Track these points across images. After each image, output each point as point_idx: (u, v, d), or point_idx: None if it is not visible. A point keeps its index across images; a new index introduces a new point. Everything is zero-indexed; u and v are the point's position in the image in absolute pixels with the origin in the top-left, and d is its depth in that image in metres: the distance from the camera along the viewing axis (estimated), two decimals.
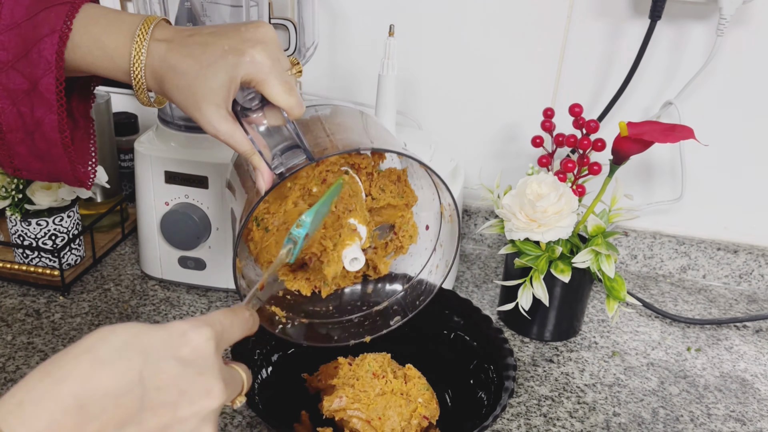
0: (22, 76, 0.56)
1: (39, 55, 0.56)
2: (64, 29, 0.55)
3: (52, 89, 0.56)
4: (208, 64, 0.54)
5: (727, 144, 0.95)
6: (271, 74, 0.54)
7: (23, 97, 0.57)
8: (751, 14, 0.87)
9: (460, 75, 0.99)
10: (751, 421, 0.74)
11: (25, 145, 0.59)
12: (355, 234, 0.61)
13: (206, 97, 0.54)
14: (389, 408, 0.64)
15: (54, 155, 0.60)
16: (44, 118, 0.57)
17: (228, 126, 0.55)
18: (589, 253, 0.77)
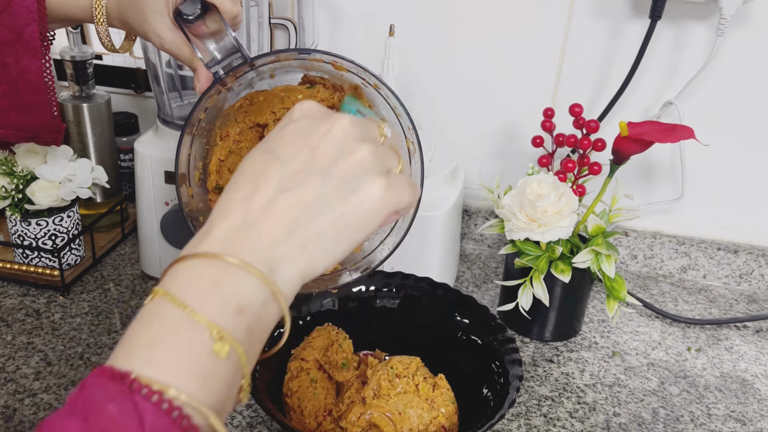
0: (5, 28, 0.60)
1: (21, 5, 0.60)
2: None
3: (36, 36, 0.60)
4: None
5: (727, 144, 0.95)
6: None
7: (7, 48, 0.60)
8: (751, 14, 0.87)
9: (460, 75, 0.99)
10: (751, 421, 0.74)
11: (7, 98, 0.62)
12: None
13: (149, 8, 0.59)
14: (409, 407, 0.65)
15: (37, 104, 0.63)
16: (30, 66, 0.61)
17: (172, 35, 0.59)
18: (590, 253, 0.77)
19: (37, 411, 0.70)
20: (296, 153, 0.39)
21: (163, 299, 0.34)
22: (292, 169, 0.39)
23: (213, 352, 0.33)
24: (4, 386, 0.73)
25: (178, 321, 0.34)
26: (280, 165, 0.39)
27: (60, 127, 0.66)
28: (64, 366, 0.76)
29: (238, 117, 0.63)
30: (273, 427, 0.69)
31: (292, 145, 0.40)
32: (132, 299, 0.89)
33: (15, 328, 0.82)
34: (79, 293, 0.89)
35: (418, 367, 0.69)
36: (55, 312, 0.85)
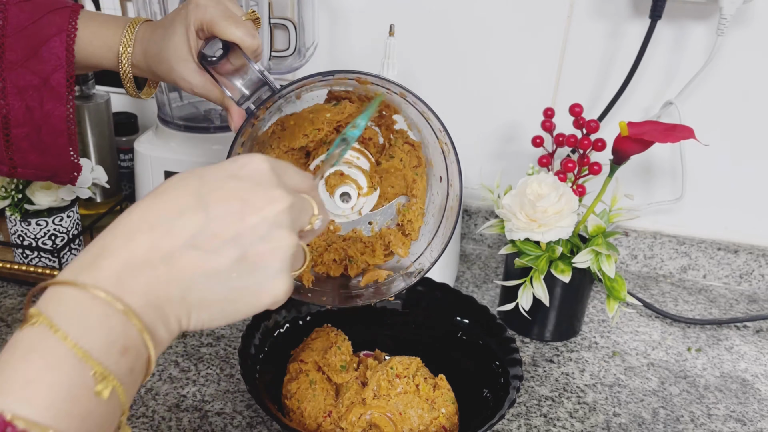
0: (32, 73, 0.62)
1: (49, 52, 0.62)
2: (71, 29, 0.62)
3: (63, 83, 0.62)
4: (168, 24, 0.60)
5: (727, 144, 0.95)
6: (215, 14, 0.58)
7: (33, 92, 0.62)
8: (751, 14, 0.87)
9: (460, 75, 0.99)
10: (751, 421, 0.74)
11: (28, 140, 0.64)
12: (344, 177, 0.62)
13: (174, 55, 0.60)
14: (410, 407, 0.65)
15: (58, 146, 0.65)
16: (54, 111, 0.63)
17: (199, 78, 0.61)
18: (590, 253, 0.77)
19: None
20: (224, 215, 0.37)
21: (45, 329, 0.33)
22: (213, 230, 0.37)
23: (95, 392, 0.32)
24: None
25: (61, 358, 0.32)
26: (203, 218, 0.37)
27: (77, 168, 0.68)
28: None
29: (273, 143, 0.64)
30: (273, 427, 0.69)
31: (224, 205, 0.38)
32: None
33: (15, 328, 0.82)
34: None
35: (419, 367, 0.69)
36: None
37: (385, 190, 0.68)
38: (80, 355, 0.32)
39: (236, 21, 0.58)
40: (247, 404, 0.72)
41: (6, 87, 0.61)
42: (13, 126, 0.62)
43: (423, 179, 0.69)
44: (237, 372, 0.76)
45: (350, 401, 0.66)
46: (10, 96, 0.61)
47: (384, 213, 0.70)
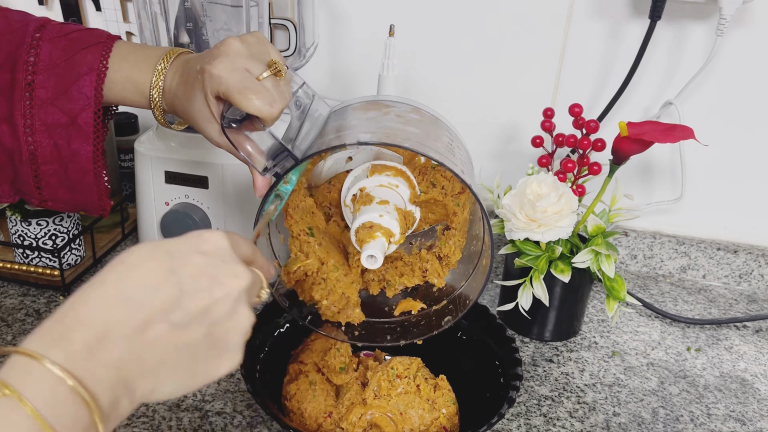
0: (60, 111, 0.62)
1: (79, 91, 0.61)
2: (101, 68, 0.62)
3: (90, 122, 0.62)
4: (190, 87, 0.59)
5: (727, 144, 0.95)
6: (230, 85, 0.55)
7: (61, 130, 0.62)
8: (751, 14, 0.87)
9: (460, 75, 0.99)
10: (751, 421, 0.74)
11: (57, 177, 0.64)
12: (373, 230, 0.61)
13: (197, 117, 0.59)
14: (410, 408, 0.65)
15: (85, 184, 0.65)
16: (80, 150, 0.63)
17: (223, 139, 0.59)
18: (589, 253, 0.77)
19: None
20: (196, 291, 0.39)
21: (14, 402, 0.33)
22: (185, 306, 0.39)
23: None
24: None
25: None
26: (177, 293, 0.38)
27: (106, 206, 0.68)
28: None
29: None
30: (273, 427, 0.69)
31: (196, 282, 0.39)
32: None
33: (15, 328, 0.82)
34: None
35: (419, 367, 0.69)
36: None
37: (426, 215, 0.69)
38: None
39: (253, 91, 0.55)
40: (248, 404, 0.72)
41: (35, 124, 0.61)
42: (41, 163, 0.63)
43: (465, 210, 0.68)
44: (237, 372, 0.76)
45: (350, 402, 0.66)
46: (38, 133, 0.61)
47: (426, 235, 0.70)
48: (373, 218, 0.61)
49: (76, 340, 0.35)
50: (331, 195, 0.68)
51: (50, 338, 0.36)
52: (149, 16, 0.83)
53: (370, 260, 0.60)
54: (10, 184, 0.65)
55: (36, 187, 0.64)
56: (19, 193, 0.66)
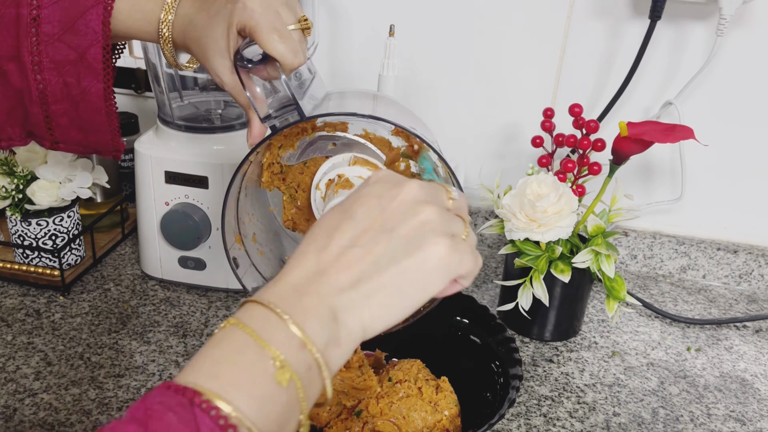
0: (68, 47, 0.59)
1: (86, 26, 0.58)
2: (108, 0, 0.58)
3: (99, 58, 0.59)
4: (214, 14, 0.57)
5: (727, 144, 0.95)
6: (261, 21, 0.54)
7: (70, 67, 0.59)
8: (751, 14, 0.87)
9: (460, 75, 0.99)
10: (751, 421, 0.74)
11: (68, 116, 0.61)
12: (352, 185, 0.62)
13: (211, 47, 0.57)
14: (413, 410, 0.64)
15: (97, 124, 0.62)
16: (90, 87, 0.60)
17: (231, 77, 0.58)
18: (589, 253, 0.77)
19: (37, 411, 0.70)
20: (368, 213, 0.42)
21: (234, 327, 0.37)
22: (363, 227, 0.42)
23: (274, 378, 0.36)
24: (4, 386, 0.73)
25: (245, 344, 0.36)
26: (353, 223, 0.42)
27: (119, 146, 0.66)
28: (64, 366, 0.76)
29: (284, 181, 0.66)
30: None
31: (365, 206, 0.43)
32: (132, 299, 0.89)
33: (15, 328, 0.82)
34: (79, 293, 0.89)
35: (420, 369, 0.68)
36: (56, 312, 0.85)
37: None
38: (261, 345, 0.36)
39: (281, 35, 0.55)
40: None
41: (42, 61, 0.58)
42: (51, 102, 0.60)
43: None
44: None
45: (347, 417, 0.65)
46: (47, 71, 0.59)
47: None
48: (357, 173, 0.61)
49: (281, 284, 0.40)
50: (302, 177, 0.67)
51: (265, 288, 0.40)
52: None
53: None
54: (21, 126, 0.63)
55: (47, 128, 0.62)
56: (31, 136, 0.64)
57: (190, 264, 0.89)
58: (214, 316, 0.86)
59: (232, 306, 0.88)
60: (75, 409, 0.70)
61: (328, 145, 0.67)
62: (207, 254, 0.88)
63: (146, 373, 0.75)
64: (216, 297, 0.90)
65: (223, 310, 0.87)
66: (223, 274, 0.89)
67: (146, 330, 0.83)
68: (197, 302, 0.89)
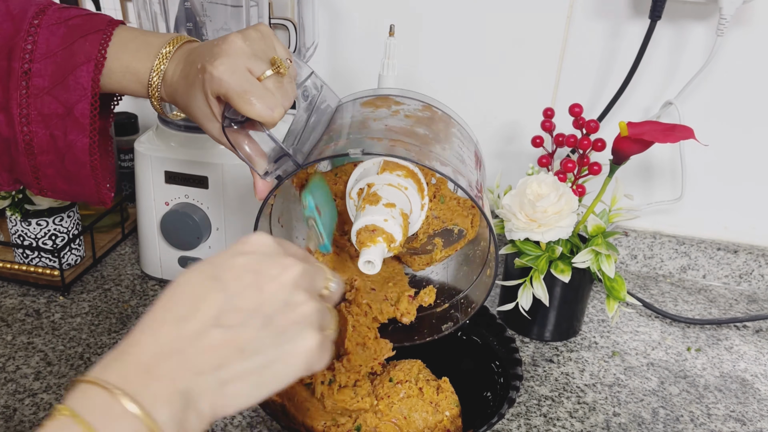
0: (57, 101, 0.59)
1: (76, 82, 0.59)
2: (99, 58, 0.59)
3: (87, 114, 0.60)
4: (190, 83, 0.57)
5: (727, 144, 0.95)
6: (230, 88, 0.53)
7: (57, 121, 0.60)
8: (751, 14, 0.87)
9: (460, 75, 0.99)
10: (751, 421, 0.74)
11: (53, 168, 0.62)
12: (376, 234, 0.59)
13: (198, 114, 0.58)
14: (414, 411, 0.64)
15: (81, 177, 0.63)
16: (76, 142, 0.61)
17: (225, 139, 0.58)
18: (589, 253, 0.77)
19: (37, 411, 0.70)
20: (242, 290, 0.39)
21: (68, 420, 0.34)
22: (234, 305, 0.38)
23: None
24: (4, 386, 0.73)
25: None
26: (223, 297, 0.39)
27: (104, 198, 0.66)
28: (64, 366, 0.76)
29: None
30: (273, 426, 0.69)
31: (240, 280, 0.39)
32: (132, 299, 0.89)
33: (15, 328, 0.82)
34: (79, 293, 0.89)
35: (420, 369, 0.68)
36: (55, 312, 0.85)
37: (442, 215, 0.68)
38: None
39: (254, 95, 0.53)
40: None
41: (30, 114, 0.59)
42: (38, 153, 0.61)
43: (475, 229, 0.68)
44: None
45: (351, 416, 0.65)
46: (34, 123, 0.60)
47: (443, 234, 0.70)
48: (377, 221, 0.59)
49: (130, 362, 0.36)
50: (336, 187, 0.67)
51: (107, 362, 0.37)
52: (149, 16, 0.84)
53: (368, 266, 0.58)
54: (9, 172, 0.64)
55: (34, 177, 0.63)
56: (18, 182, 0.65)
57: (190, 264, 0.89)
58: None
59: None
60: None
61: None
62: (207, 254, 0.88)
63: None
64: None
65: None
66: None
67: None
68: None
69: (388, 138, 0.58)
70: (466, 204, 0.67)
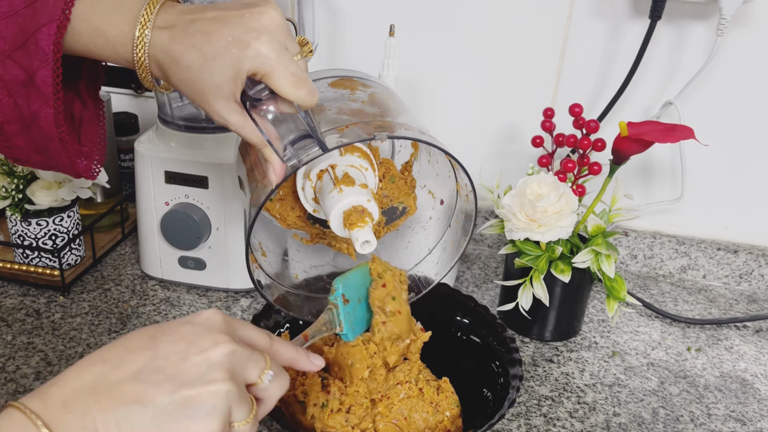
0: (19, 66, 0.53)
1: (36, 45, 0.53)
2: (62, 18, 0.52)
3: (49, 82, 0.54)
4: (212, 57, 0.51)
5: (727, 144, 0.95)
6: (277, 67, 0.50)
7: (20, 88, 0.54)
8: (751, 14, 0.87)
9: (460, 75, 0.99)
10: (751, 421, 0.74)
11: (23, 138, 0.57)
12: (365, 215, 0.61)
13: (213, 92, 0.52)
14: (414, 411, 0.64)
15: (51, 149, 0.58)
16: (40, 112, 0.55)
17: (238, 117, 0.54)
18: (589, 253, 0.77)
19: None
20: (170, 354, 0.42)
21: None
22: (157, 366, 0.41)
23: None
24: (4, 386, 0.73)
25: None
26: (151, 356, 0.41)
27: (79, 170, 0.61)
28: (64, 366, 0.76)
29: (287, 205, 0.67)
30: (273, 427, 0.69)
31: (173, 345, 0.42)
32: (132, 299, 0.89)
33: (15, 328, 0.82)
34: (79, 293, 0.89)
35: (420, 370, 0.68)
36: (56, 312, 0.85)
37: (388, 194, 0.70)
38: None
39: (298, 79, 0.51)
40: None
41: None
42: (3, 122, 0.56)
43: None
44: None
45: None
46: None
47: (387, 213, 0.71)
48: (363, 202, 0.60)
49: (52, 393, 0.40)
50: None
51: (35, 392, 0.40)
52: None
53: (366, 246, 0.59)
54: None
55: (6, 147, 0.58)
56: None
57: (190, 264, 0.89)
58: None
59: (232, 306, 0.88)
60: None
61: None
62: (207, 254, 0.88)
63: None
64: (216, 297, 0.90)
65: (223, 310, 0.87)
66: (223, 274, 0.89)
67: None
68: (197, 302, 0.89)
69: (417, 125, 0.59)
70: (410, 182, 0.70)
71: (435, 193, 0.71)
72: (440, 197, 0.70)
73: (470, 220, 0.66)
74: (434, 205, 0.71)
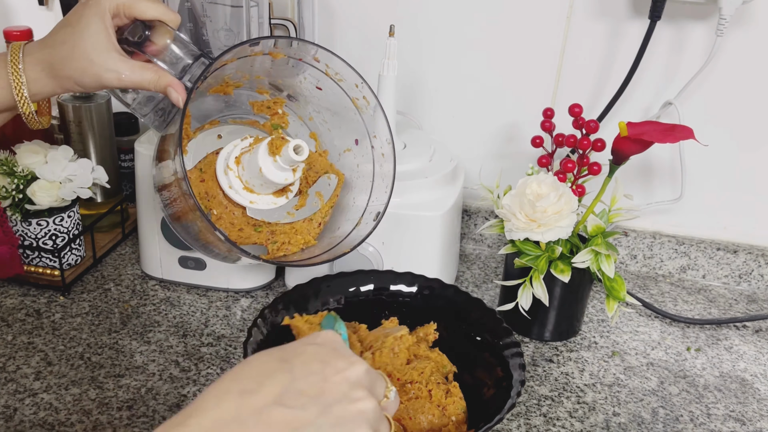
0: None
1: None
2: None
3: None
4: (77, 20, 0.57)
5: (726, 144, 0.95)
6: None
7: None
8: (751, 14, 0.87)
9: (460, 75, 0.99)
10: (750, 421, 0.74)
11: None
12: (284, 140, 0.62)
13: (93, 49, 0.57)
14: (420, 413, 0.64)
15: None
16: None
17: (126, 65, 0.58)
18: (589, 253, 0.77)
19: (38, 411, 0.70)
20: (308, 375, 0.41)
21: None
22: (298, 388, 0.40)
23: None
24: (4, 386, 0.73)
25: None
26: (289, 378, 0.40)
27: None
28: (64, 366, 0.76)
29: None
30: None
31: (307, 366, 0.41)
32: (132, 299, 0.89)
33: (15, 327, 0.82)
34: (79, 293, 0.89)
35: (432, 371, 0.68)
36: (56, 312, 0.85)
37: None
38: None
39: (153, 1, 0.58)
40: None
41: None
42: None
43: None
44: None
45: None
46: None
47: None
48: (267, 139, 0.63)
49: (192, 425, 0.38)
50: (205, 184, 0.67)
51: (171, 425, 0.38)
52: None
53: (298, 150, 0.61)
54: None
55: None
56: None
57: (190, 264, 0.89)
58: (215, 316, 0.86)
59: (232, 306, 0.88)
60: (75, 409, 0.70)
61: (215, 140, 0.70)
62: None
63: (146, 373, 0.76)
64: (216, 297, 0.90)
65: (223, 309, 0.87)
66: (223, 274, 0.89)
67: (146, 330, 0.83)
68: (197, 302, 0.89)
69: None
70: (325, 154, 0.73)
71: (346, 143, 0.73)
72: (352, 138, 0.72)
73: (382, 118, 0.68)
74: (352, 147, 0.73)
